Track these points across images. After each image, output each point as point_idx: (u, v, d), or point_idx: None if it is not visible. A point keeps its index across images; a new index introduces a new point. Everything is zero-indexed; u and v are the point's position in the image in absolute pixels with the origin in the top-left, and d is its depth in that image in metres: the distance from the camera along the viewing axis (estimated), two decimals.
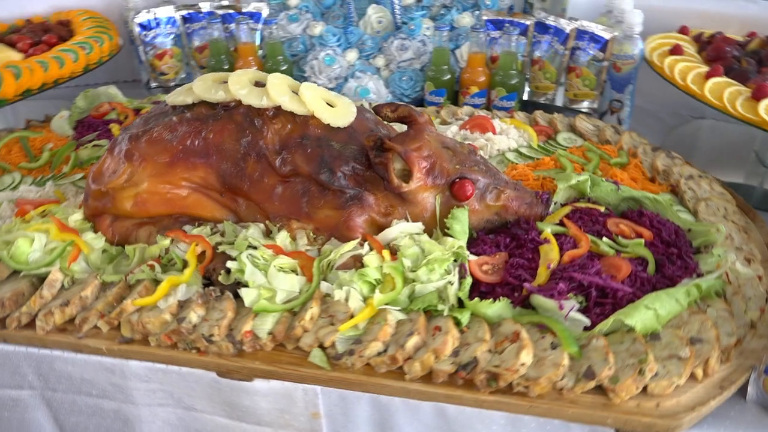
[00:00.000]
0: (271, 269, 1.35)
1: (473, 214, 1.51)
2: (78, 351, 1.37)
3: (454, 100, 2.28)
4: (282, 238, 1.45)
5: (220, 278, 1.39)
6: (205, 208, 1.54)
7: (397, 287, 1.32)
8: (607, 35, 2.12)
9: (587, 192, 1.62)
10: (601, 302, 1.31)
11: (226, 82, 1.56)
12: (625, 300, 1.31)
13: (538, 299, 1.29)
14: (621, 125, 2.17)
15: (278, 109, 1.53)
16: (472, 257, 1.40)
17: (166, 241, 1.46)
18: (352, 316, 1.30)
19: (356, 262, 1.38)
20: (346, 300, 1.31)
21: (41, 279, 1.43)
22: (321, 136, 1.52)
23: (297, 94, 1.54)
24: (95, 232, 1.54)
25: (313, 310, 1.31)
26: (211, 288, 1.38)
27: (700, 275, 1.39)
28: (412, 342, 1.25)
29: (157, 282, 1.41)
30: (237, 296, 1.36)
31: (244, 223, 1.52)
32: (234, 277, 1.38)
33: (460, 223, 1.45)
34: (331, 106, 1.58)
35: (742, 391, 1.25)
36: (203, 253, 1.45)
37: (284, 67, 2.34)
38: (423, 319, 1.29)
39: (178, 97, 1.59)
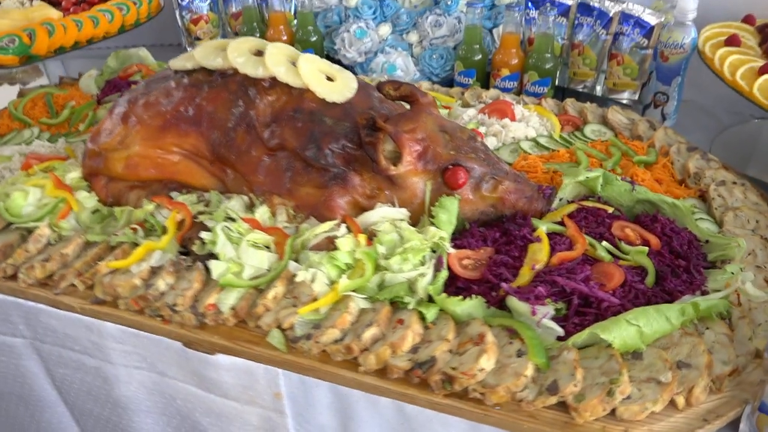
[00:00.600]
0: (243, 243, 1.32)
1: (466, 204, 1.42)
2: (55, 307, 1.39)
3: (485, 82, 2.16)
4: (261, 213, 1.41)
5: (194, 248, 1.37)
6: (194, 175, 1.52)
7: (366, 274, 1.26)
8: (653, 20, 1.93)
9: (597, 190, 1.49)
10: (583, 312, 1.20)
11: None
12: (610, 312, 1.19)
13: (513, 301, 1.20)
14: (665, 121, 1.99)
15: (274, 80, 1.49)
16: (453, 250, 1.32)
17: (151, 206, 1.46)
18: (315, 299, 1.25)
19: (330, 244, 1.33)
20: (312, 282, 1.27)
21: (31, 233, 1.47)
22: (314, 111, 1.47)
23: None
24: (90, 191, 1.56)
25: (277, 289, 1.27)
26: (182, 257, 1.37)
27: (705, 293, 1.25)
28: (370, 333, 1.19)
29: (136, 246, 1.41)
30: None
31: (230, 194, 1.50)
32: (207, 248, 1.36)
33: (447, 212, 1.36)
34: (330, 79, 1.52)
35: (734, 427, 1.12)
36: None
37: (314, 39, 2.29)
38: (386, 311, 1.23)
39: (179, 62, 1.57)
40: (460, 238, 1.38)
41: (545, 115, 1.82)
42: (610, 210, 1.43)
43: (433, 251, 1.31)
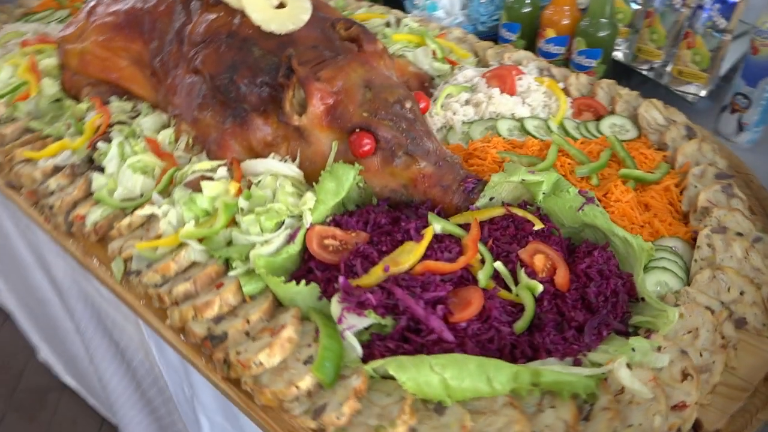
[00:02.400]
0: (124, 164, 1.27)
1: (374, 177, 1.22)
2: None
3: (531, 42, 1.81)
4: (164, 135, 1.34)
5: (95, 155, 1.36)
6: (137, 83, 1.49)
7: (214, 225, 1.15)
8: None
9: (538, 199, 1.19)
10: (408, 337, 0.99)
11: None
12: (438, 348, 0.97)
13: (333, 301, 1.02)
14: (741, 132, 1.53)
15: None
16: (321, 226, 1.15)
17: (84, 105, 1.46)
18: (159, 237, 1.18)
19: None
20: (162, 218, 1.19)
21: None
22: (248, 39, 1.33)
23: None
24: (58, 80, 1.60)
25: (133, 217, 1.22)
26: (74, 163, 1.36)
27: (578, 363, 0.96)
28: (183, 288, 1.09)
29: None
30: None
31: (159, 110, 1.45)
32: (101, 159, 1.34)
33: (337, 181, 1.18)
34: (282, 6, 1.36)
35: None
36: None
37: None
38: (211, 270, 1.12)
39: None
40: (345, 214, 1.20)
41: (557, 93, 1.48)
42: (538, 227, 1.14)
43: (295, 217, 1.16)
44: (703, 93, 1.60)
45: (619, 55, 1.78)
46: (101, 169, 1.32)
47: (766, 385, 1.00)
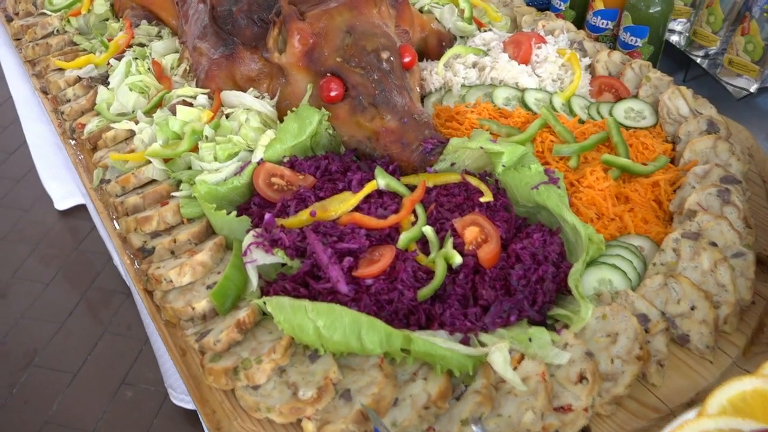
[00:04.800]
0: (123, 82, 1.35)
1: (342, 125, 1.21)
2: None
3: (582, 13, 1.67)
4: (169, 60, 1.41)
5: (108, 70, 1.45)
6: (166, 9, 1.56)
7: (178, 149, 1.20)
8: None
9: (497, 171, 1.11)
10: (306, 282, 0.98)
11: None
12: (332, 297, 0.95)
13: (248, 235, 1.03)
14: None
15: None
16: (271, 164, 1.16)
17: (117, 25, 1.56)
18: (131, 152, 1.25)
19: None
20: (138, 134, 1.26)
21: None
22: None
23: None
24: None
25: (117, 131, 1.30)
26: (92, 76, 1.46)
27: (465, 341, 0.90)
28: (132, 201, 1.16)
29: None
30: None
31: (177, 36, 1.51)
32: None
33: (300, 121, 1.18)
34: None
35: None
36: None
37: None
38: (162, 188, 1.17)
39: None
40: (303, 158, 1.20)
41: (574, 68, 1.36)
42: (486, 199, 1.07)
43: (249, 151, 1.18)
44: (753, 88, 1.39)
45: (675, 38, 1.59)
46: (109, 84, 1.41)
47: (684, 411, 0.88)
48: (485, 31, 1.51)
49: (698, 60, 1.51)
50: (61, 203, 3.17)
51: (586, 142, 1.17)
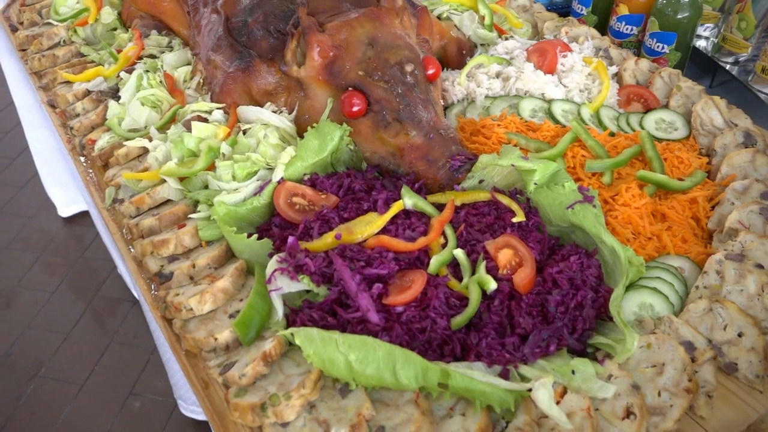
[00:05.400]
0: (134, 97, 1.30)
1: (364, 140, 1.16)
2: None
3: (605, 18, 1.62)
4: (181, 73, 1.36)
5: (119, 83, 1.41)
6: (177, 19, 1.52)
7: (194, 167, 1.15)
8: None
9: (529, 189, 1.07)
10: (334, 311, 0.93)
11: None
12: (362, 328, 0.91)
13: (271, 260, 0.98)
14: None
15: None
16: (292, 183, 1.11)
17: (126, 36, 1.51)
18: (145, 170, 1.20)
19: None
20: (153, 151, 1.21)
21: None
22: None
23: None
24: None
25: (130, 148, 1.25)
26: (102, 90, 1.41)
27: (505, 374, 0.86)
28: (148, 223, 1.11)
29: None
30: None
31: (188, 47, 1.47)
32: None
33: (321, 138, 1.14)
34: None
35: None
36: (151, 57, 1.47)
37: None
38: (179, 209, 1.13)
39: None
40: (324, 175, 1.15)
41: (602, 77, 1.31)
42: (518, 219, 1.03)
43: (268, 169, 1.13)
44: None
45: (702, 43, 1.54)
46: (119, 98, 1.36)
47: None
48: (507, 38, 1.46)
49: (727, 67, 1.46)
50: (65, 210, 3.12)
51: (619, 157, 1.12)
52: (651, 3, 1.47)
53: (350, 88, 1.14)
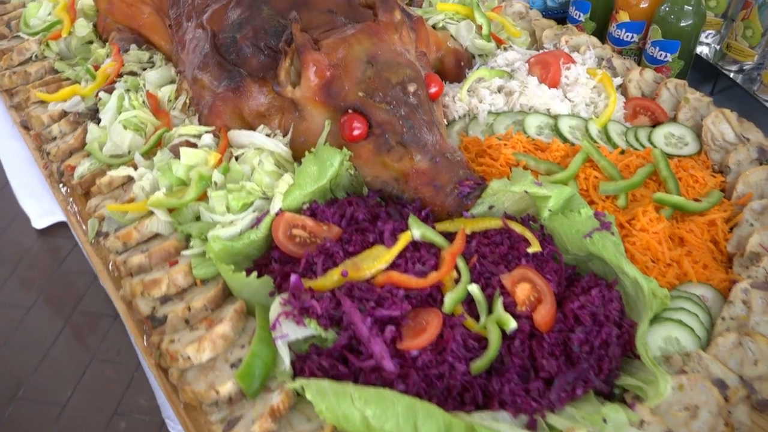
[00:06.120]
0: (116, 120, 1.22)
1: (365, 165, 1.10)
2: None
3: (603, 24, 1.57)
4: (165, 92, 1.28)
5: (98, 104, 1.32)
6: (158, 33, 1.43)
7: (184, 197, 1.08)
8: None
9: (543, 216, 1.01)
10: (344, 357, 0.87)
11: None
12: (376, 376, 0.85)
13: (275, 301, 0.92)
14: None
15: None
16: (291, 214, 1.04)
17: (103, 51, 1.42)
18: (131, 201, 1.12)
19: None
20: (138, 181, 1.13)
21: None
22: None
23: None
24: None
25: (113, 175, 1.17)
26: (79, 111, 1.32)
27: (532, 424, 0.80)
28: (137, 260, 1.04)
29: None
30: None
31: (172, 64, 1.38)
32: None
33: (320, 164, 1.07)
34: None
35: None
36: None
37: None
38: (170, 245, 1.05)
39: None
40: (325, 203, 1.09)
41: (608, 90, 1.26)
42: (534, 249, 0.97)
43: (265, 198, 1.06)
44: None
45: (704, 50, 1.50)
46: (100, 120, 1.27)
47: None
48: (505, 48, 1.40)
49: (731, 75, 1.43)
50: (39, 221, 2.99)
51: (634, 178, 1.07)
52: (652, 10, 1.42)
53: (350, 110, 1.07)
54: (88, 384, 2.54)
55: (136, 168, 1.14)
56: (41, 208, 2.88)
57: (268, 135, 1.14)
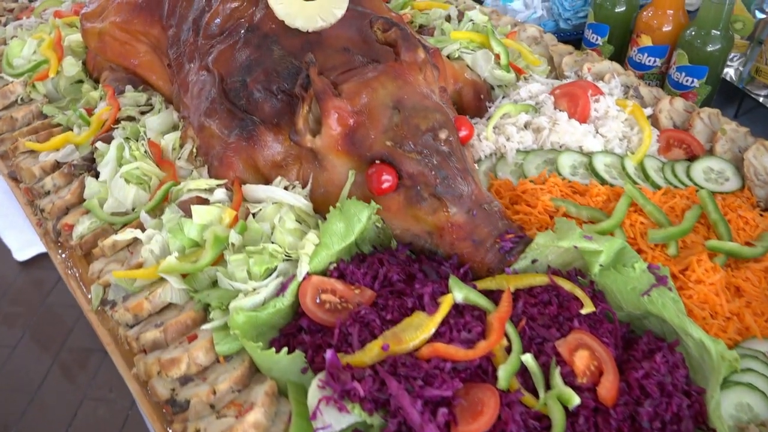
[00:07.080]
0: (117, 173, 1.12)
1: (394, 217, 1.01)
2: None
3: (621, 48, 1.51)
4: (169, 140, 1.18)
5: (95, 154, 1.22)
6: (156, 73, 1.33)
7: (199, 262, 0.98)
8: None
9: (593, 272, 0.94)
10: None
11: None
12: None
13: (311, 386, 0.83)
14: None
15: None
16: (319, 277, 0.95)
17: (96, 93, 1.32)
18: (140, 266, 1.03)
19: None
20: (146, 244, 1.03)
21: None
22: (269, 35, 1.13)
23: None
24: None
25: (118, 238, 1.07)
26: (74, 163, 1.22)
27: None
28: (152, 336, 0.94)
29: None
30: None
31: (173, 107, 1.28)
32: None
33: (346, 220, 0.98)
34: None
35: None
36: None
37: None
38: (187, 317, 0.95)
39: None
40: (353, 261, 1.00)
41: (641, 123, 1.20)
42: (587, 310, 0.90)
43: (288, 260, 0.97)
44: None
45: (729, 72, 1.45)
46: (98, 173, 1.18)
47: None
48: (526, 78, 1.33)
49: (761, 99, 1.37)
50: (21, 254, 2.87)
51: (684, 224, 1.00)
52: (676, 34, 1.36)
53: (376, 161, 0.99)
54: (80, 425, 2.44)
55: (143, 229, 1.04)
56: (22, 239, 2.76)
57: (286, 187, 1.05)
